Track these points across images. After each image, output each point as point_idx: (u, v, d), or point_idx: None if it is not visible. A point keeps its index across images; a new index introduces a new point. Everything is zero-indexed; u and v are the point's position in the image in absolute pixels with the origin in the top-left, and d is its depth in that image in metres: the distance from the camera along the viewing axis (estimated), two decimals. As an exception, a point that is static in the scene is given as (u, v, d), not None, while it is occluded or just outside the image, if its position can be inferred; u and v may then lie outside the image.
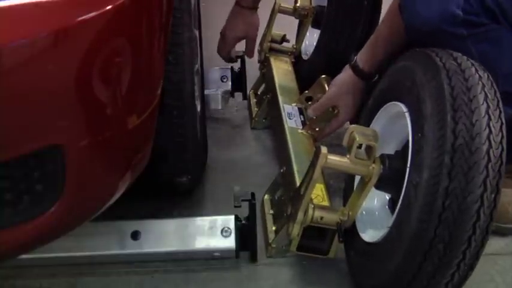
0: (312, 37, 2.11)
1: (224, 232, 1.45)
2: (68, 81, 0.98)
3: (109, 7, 0.99)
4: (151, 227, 1.46)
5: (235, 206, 1.44)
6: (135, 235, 1.44)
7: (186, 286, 1.43)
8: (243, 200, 1.44)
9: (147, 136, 1.24)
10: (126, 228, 1.45)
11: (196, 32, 1.68)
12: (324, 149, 1.29)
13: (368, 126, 1.40)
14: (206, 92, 2.00)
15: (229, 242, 1.44)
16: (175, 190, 1.60)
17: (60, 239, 1.15)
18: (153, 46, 1.17)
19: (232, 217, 1.46)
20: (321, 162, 1.28)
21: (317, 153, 1.30)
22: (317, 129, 1.72)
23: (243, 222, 1.46)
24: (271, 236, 1.50)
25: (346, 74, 1.61)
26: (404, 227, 1.15)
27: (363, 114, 1.49)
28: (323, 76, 1.78)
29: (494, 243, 1.53)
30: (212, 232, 1.45)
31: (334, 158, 1.30)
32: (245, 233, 1.45)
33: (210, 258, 1.47)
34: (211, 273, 1.46)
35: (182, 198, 1.66)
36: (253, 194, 1.45)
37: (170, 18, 1.26)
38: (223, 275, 1.46)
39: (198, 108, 1.66)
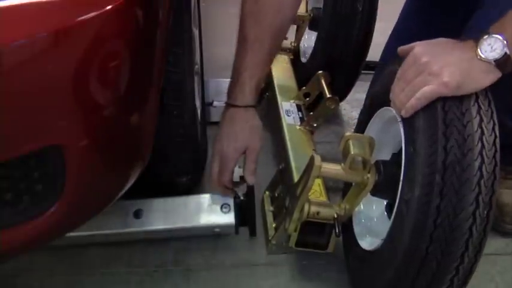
0: (310, 39, 2.11)
1: (224, 208, 1.48)
2: (68, 81, 0.98)
3: (109, 7, 0.99)
4: (153, 206, 1.49)
5: (234, 183, 1.47)
6: (137, 213, 1.47)
7: (186, 286, 1.44)
8: (241, 177, 1.46)
9: (147, 136, 1.24)
10: (129, 207, 1.47)
11: (196, 32, 1.68)
12: (317, 161, 1.28)
13: (364, 128, 1.39)
14: (221, 103, 1.99)
15: (229, 218, 1.48)
16: (175, 190, 1.60)
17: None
18: (153, 46, 1.17)
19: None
20: (315, 173, 1.28)
21: (311, 164, 1.29)
22: (315, 125, 1.72)
23: (242, 198, 1.49)
24: (271, 232, 1.50)
25: None
26: (397, 242, 1.14)
27: (359, 118, 1.48)
28: (320, 72, 1.79)
29: (494, 243, 1.54)
30: (212, 209, 1.49)
31: (328, 167, 1.29)
32: (244, 208, 1.48)
33: (210, 234, 1.50)
34: (211, 273, 1.47)
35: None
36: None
37: (170, 18, 1.26)
38: (223, 275, 1.46)
39: (198, 108, 1.67)
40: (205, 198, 1.51)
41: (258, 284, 1.45)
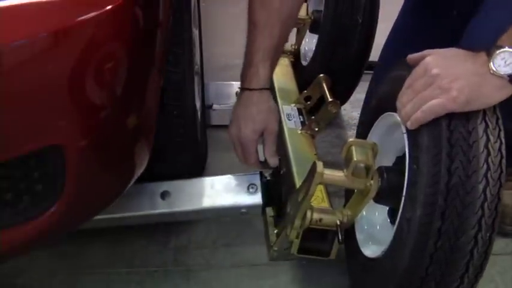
0: (311, 42, 2.11)
1: (250, 189, 1.48)
2: (68, 82, 0.98)
3: (109, 7, 0.99)
4: (180, 187, 1.49)
5: (260, 163, 1.48)
6: (164, 195, 1.47)
7: (186, 286, 1.44)
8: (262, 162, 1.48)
9: (147, 136, 1.24)
10: (156, 188, 1.47)
11: (196, 32, 1.68)
12: (319, 167, 1.25)
13: (367, 132, 1.37)
14: (221, 106, 2.00)
15: (256, 199, 1.48)
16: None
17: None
18: (152, 46, 1.17)
19: (258, 174, 1.50)
20: (317, 180, 1.26)
21: (313, 170, 1.27)
22: (316, 129, 1.72)
23: (268, 178, 1.49)
24: (273, 239, 1.49)
25: None
26: (398, 259, 1.12)
27: (362, 122, 1.47)
28: (321, 75, 1.79)
29: (494, 243, 1.53)
30: (239, 189, 1.49)
31: (330, 174, 1.27)
32: (271, 189, 1.48)
33: (237, 215, 1.51)
34: (211, 273, 1.47)
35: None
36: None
37: (170, 18, 1.26)
38: (223, 275, 1.46)
39: (198, 109, 1.67)
40: (232, 178, 1.51)
41: (258, 284, 1.45)
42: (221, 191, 1.49)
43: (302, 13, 2.06)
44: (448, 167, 1.05)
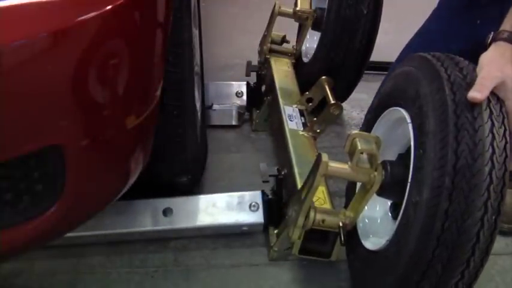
0: (312, 39, 2.11)
1: (252, 207, 1.52)
2: (68, 82, 0.98)
3: (109, 7, 0.99)
4: (182, 204, 1.52)
5: (263, 181, 1.51)
6: (166, 212, 1.50)
7: (186, 286, 1.44)
8: (270, 176, 1.50)
9: (147, 136, 1.24)
10: (158, 205, 1.51)
11: (196, 32, 1.68)
12: (324, 157, 1.27)
13: (371, 128, 1.39)
14: (220, 107, 2.02)
15: (257, 216, 1.52)
16: (175, 190, 1.60)
17: (95, 218, 1.18)
18: (153, 46, 1.17)
19: (260, 192, 1.53)
20: (322, 171, 1.27)
21: (318, 161, 1.28)
22: (318, 130, 1.72)
23: (270, 197, 1.52)
24: (273, 239, 1.50)
25: (497, 49, 1.26)
26: (403, 244, 1.14)
27: (366, 117, 1.48)
28: (324, 77, 1.78)
29: (494, 243, 1.53)
30: (240, 207, 1.52)
31: (335, 166, 1.28)
32: (272, 207, 1.51)
33: (238, 233, 1.54)
34: (211, 273, 1.47)
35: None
36: (279, 170, 1.52)
37: (170, 18, 1.26)
38: (223, 275, 1.46)
39: (198, 109, 1.66)
40: (234, 196, 1.54)
41: (258, 284, 1.45)
42: (223, 208, 1.53)
43: (306, 6, 2.06)
44: (455, 149, 1.08)
